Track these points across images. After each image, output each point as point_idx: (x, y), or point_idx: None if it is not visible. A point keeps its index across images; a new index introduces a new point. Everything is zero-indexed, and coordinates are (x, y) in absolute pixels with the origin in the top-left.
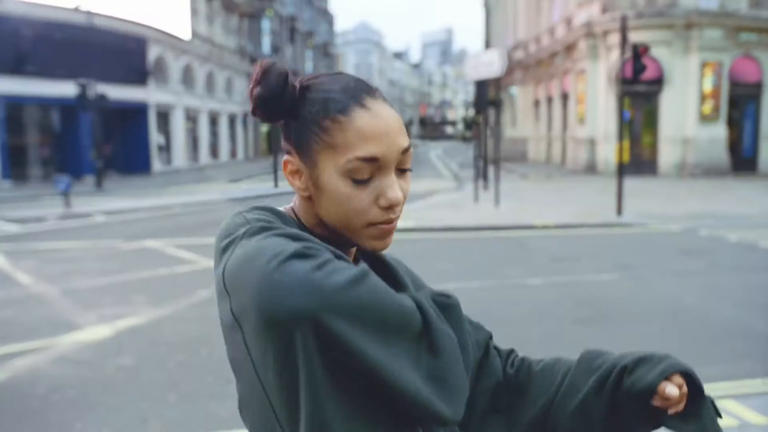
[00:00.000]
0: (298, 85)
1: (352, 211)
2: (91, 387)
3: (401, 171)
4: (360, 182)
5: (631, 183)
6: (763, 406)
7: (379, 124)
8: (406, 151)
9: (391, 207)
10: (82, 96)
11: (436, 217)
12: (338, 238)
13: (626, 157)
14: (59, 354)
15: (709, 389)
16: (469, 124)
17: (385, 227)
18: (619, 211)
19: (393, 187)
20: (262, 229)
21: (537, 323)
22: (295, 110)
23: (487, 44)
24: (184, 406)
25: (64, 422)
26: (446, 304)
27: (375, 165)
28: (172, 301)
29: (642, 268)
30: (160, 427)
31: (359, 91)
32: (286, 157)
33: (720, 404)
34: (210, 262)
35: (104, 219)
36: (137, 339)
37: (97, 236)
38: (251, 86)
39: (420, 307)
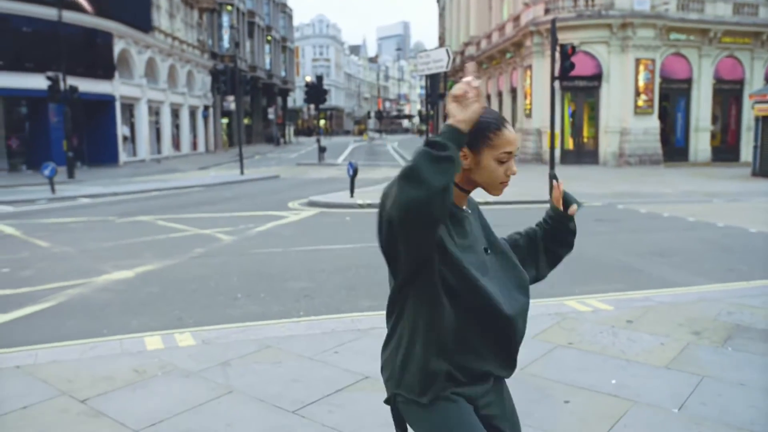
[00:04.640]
0: None
1: (496, 177)
2: (132, 303)
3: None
4: (502, 163)
5: (572, 170)
6: (612, 302)
7: (511, 136)
8: (515, 150)
9: (510, 175)
10: (53, 88)
11: None
12: (472, 188)
13: (568, 146)
14: (99, 286)
15: (586, 297)
16: (424, 117)
17: (504, 185)
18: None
19: (513, 166)
20: None
21: None
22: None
23: (441, 40)
24: (206, 312)
25: (121, 321)
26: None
27: (509, 155)
28: (175, 255)
29: None
30: (193, 322)
31: (501, 120)
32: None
33: (588, 302)
34: (199, 230)
35: (90, 201)
36: (156, 277)
37: (90, 214)
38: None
39: None
